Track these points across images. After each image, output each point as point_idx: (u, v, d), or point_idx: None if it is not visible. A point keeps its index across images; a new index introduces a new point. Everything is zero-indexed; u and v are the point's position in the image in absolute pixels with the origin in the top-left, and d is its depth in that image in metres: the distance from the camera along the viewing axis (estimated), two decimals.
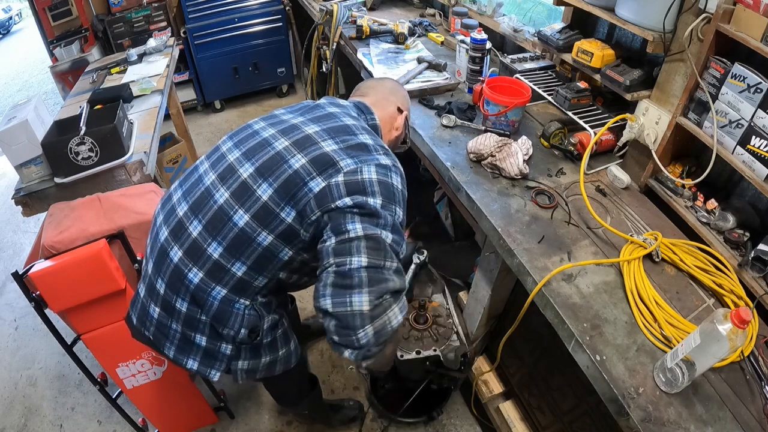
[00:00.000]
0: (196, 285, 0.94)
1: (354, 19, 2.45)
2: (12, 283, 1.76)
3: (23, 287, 1.23)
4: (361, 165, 0.90)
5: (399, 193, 0.93)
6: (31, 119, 1.62)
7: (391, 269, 0.85)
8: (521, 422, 1.51)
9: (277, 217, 0.90)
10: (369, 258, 0.82)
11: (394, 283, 0.84)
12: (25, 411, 1.92)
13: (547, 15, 2.02)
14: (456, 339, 1.48)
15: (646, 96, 1.30)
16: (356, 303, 0.80)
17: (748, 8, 0.96)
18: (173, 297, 0.97)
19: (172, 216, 0.99)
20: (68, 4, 3.18)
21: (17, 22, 8.93)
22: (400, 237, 0.89)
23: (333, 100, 1.13)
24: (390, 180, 0.92)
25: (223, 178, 0.95)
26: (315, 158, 0.91)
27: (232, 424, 1.80)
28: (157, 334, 1.02)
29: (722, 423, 0.85)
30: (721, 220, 1.15)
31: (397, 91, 1.25)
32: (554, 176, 1.40)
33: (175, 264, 0.95)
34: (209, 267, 0.93)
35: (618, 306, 1.03)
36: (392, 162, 0.96)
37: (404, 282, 0.88)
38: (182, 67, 3.61)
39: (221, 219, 0.92)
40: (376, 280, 0.82)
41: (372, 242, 0.84)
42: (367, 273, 0.81)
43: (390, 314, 0.83)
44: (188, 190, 1.00)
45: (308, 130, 0.96)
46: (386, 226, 0.87)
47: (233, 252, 0.92)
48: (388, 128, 1.18)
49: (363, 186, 0.88)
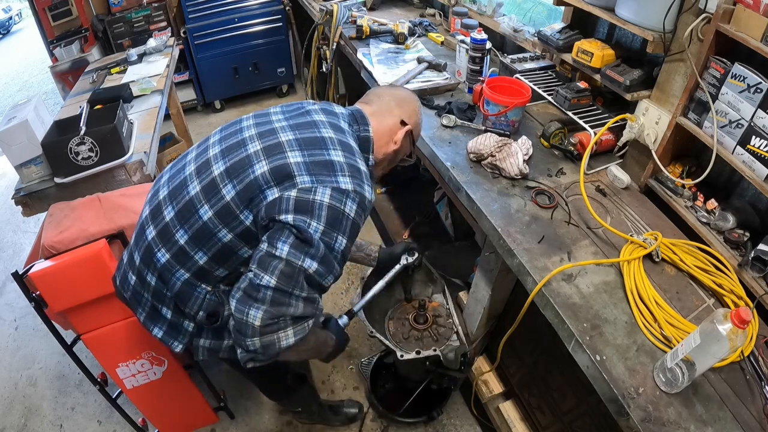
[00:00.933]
0: (163, 264, 0.99)
1: (354, 19, 2.45)
2: (12, 283, 1.76)
3: (23, 287, 1.23)
4: (317, 185, 0.90)
5: (347, 222, 0.92)
6: (31, 119, 1.62)
7: (299, 297, 0.87)
8: (521, 422, 1.52)
9: (237, 218, 0.93)
10: (278, 282, 0.85)
11: (296, 310, 0.87)
12: (25, 411, 1.92)
13: (547, 15, 2.02)
14: (456, 339, 1.48)
15: (646, 96, 1.30)
16: (251, 316, 0.84)
17: (748, 8, 0.96)
18: (145, 270, 1.04)
19: (155, 197, 1.05)
20: (68, 4, 3.18)
21: (17, 22, 8.93)
22: (326, 269, 0.90)
23: (327, 106, 1.12)
24: (341, 207, 0.91)
25: (199, 172, 0.99)
26: (276, 167, 0.92)
27: (232, 424, 1.80)
28: (132, 299, 1.10)
29: (722, 423, 0.85)
30: (721, 220, 1.15)
31: (405, 103, 1.19)
32: (554, 176, 1.40)
33: (148, 242, 1.02)
34: (175, 251, 0.98)
35: (618, 306, 1.03)
36: (354, 187, 0.93)
37: (313, 310, 0.90)
38: (182, 67, 3.61)
39: (189, 210, 0.96)
40: (278, 302, 0.85)
41: (288, 268, 0.86)
42: (272, 293, 0.84)
43: (281, 335, 0.86)
44: (173, 176, 1.05)
45: (282, 137, 0.98)
46: (315, 256, 0.88)
47: (196, 242, 0.96)
48: (385, 141, 1.14)
49: (311, 207, 0.89)
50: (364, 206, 0.95)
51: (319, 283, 0.90)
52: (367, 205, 0.96)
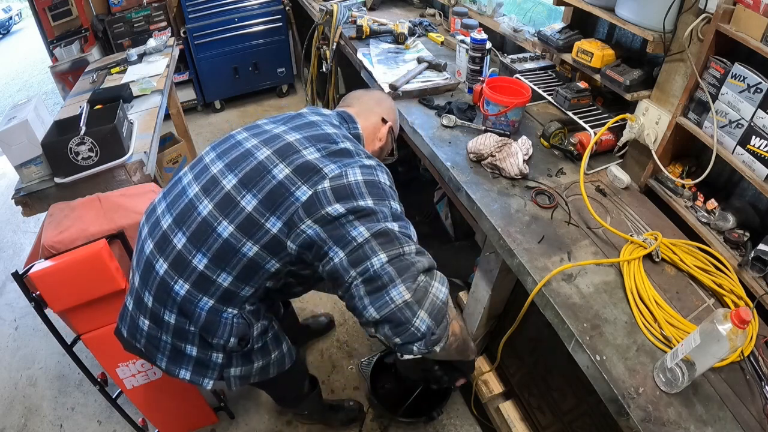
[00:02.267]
0: (183, 297, 0.93)
1: (354, 19, 2.45)
2: (12, 283, 1.76)
3: (23, 287, 1.23)
4: (345, 169, 0.90)
5: (388, 189, 0.94)
6: (31, 119, 1.62)
7: (411, 253, 0.85)
8: (521, 422, 1.52)
9: (262, 228, 0.89)
10: (386, 252, 0.82)
11: (422, 263, 0.85)
12: (25, 411, 1.92)
13: (547, 15, 2.02)
14: None
15: (646, 96, 1.30)
16: (396, 297, 0.80)
17: (748, 8, 0.96)
18: (161, 309, 0.97)
19: (157, 228, 0.98)
20: (68, 4, 3.18)
21: (17, 22, 8.93)
22: (405, 223, 0.90)
23: (315, 109, 1.13)
24: (377, 178, 0.92)
25: (207, 190, 0.94)
26: (298, 167, 0.90)
27: (232, 424, 1.80)
28: (149, 346, 1.03)
29: (722, 423, 0.85)
30: (721, 220, 1.15)
31: (383, 102, 1.26)
32: (554, 176, 1.40)
33: (161, 277, 0.95)
34: (195, 278, 0.92)
35: (618, 306, 1.03)
36: (376, 162, 0.97)
37: (430, 259, 0.88)
38: (182, 67, 3.61)
39: (205, 230, 0.91)
40: (403, 267, 0.82)
41: (382, 237, 0.84)
42: (392, 266, 0.82)
43: (433, 290, 0.84)
44: (172, 202, 0.99)
45: (289, 138, 0.96)
46: (386, 217, 0.87)
47: (218, 263, 0.91)
48: (371, 138, 1.18)
49: (350, 190, 0.88)
50: (391, 177, 0.98)
51: (409, 236, 0.88)
52: (391, 176, 0.99)
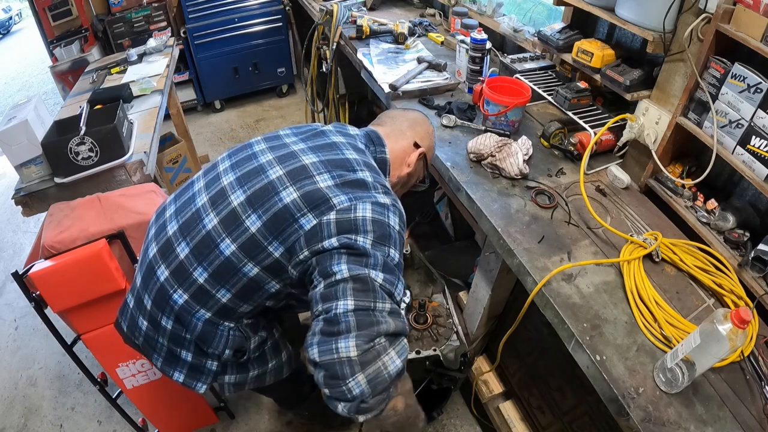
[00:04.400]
0: (181, 306, 0.92)
1: (354, 19, 2.45)
2: (12, 283, 1.76)
3: (23, 287, 1.23)
4: (355, 202, 0.85)
5: (395, 234, 0.87)
6: (31, 119, 1.62)
7: (383, 311, 0.78)
8: (521, 422, 1.52)
9: (265, 251, 0.86)
10: (356, 300, 0.76)
11: (389, 325, 0.77)
12: (25, 411, 1.92)
13: (547, 15, 2.02)
14: (456, 339, 1.48)
15: (646, 96, 1.30)
16: (342, 349, 0.73)
17: (748, 8, 0.96)
18: (159, 314, 0.96)
19: (162, 233, 0.97)
20: (68, 4, 3.18)
21: (17, 22, 8.93)
22: (393, 277, 0.83)
23: (342, 127, 1.07)
24: (386, 219, 0.86)
25: (214, 203, 0.91)
26: (307, 193, 0.86)
27: (232, 424, 1.80)
28: (146, 345, 1.02)
29: (722, 423, 0.85)
30: (721, 220, 1.15)
31: (417, 125, 1.15)
32: (554, 176, 1.40)
33: (161, 283, 0.93)
34: (194, 290, 0.90)
35: (618, 306, 1.03)
36: (392, 201, 0.90)
37: (403, 324, 0.80)
38: (182, 67, 3.61)
39: (208, 245, 0.89)
40: (365, 323, 0.75)
41: (359, 284, 0.78)
42: (355, 316, 0.75)
43: (385, 359, 0.75)
44: (180, 208, 0.97)
45: (305, 159, 0.92)
46: (376, 265, 0.81)
47: (218, 279, 0.89)
48: (399, 163, 1.09)
49: (355, 224, 0.83)
50: (403, 220, 0.92)
51: (392, 293, 0.82)
52: (405, 220, 0.93)
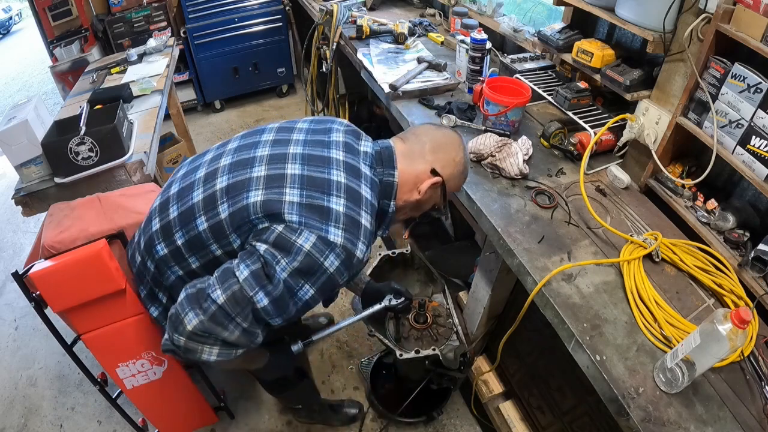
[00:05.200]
0: (160, 257, 1.01)
1: (354, 19, 2.45)
2: (12, 283, 1.76)
3: (23, 287, 1.23)
4: (302, 228, 0.85)
5: (322, 276, 0.87)
6: (31, 119, 1.62)
7: (239, 326, 0.86)
8: (521, 422, 1.52)
9: (227, 238, 0.92)
10: (226, 302, 0.84)
11: (230, 335, 0.86)
12: (25, 411, 1.92)
13: (547, 15, 2.02)
14: (456, 339, 1.48)
15: (646, 96, 1.30)
16: (188, 318, 0.84)
17: (748, 8, 0.96)
18: (146, 257, 1.06)
19: (167, 191, 1.06)
20: (68, 4, 3.17)
21: (17, 22, 8.92)
22: (278, 311, 0.87)
23: (354, 140, 1.03)
24: (321, 260, 0.85)
25: (206, 180, 0.97)
26: (268, 201, 0.88)
27: (232, 424, 1.80)
28: (137, 275, 1.15)
29: (722, 423, 0.85)
30: (721, 220, 1.15)
31: (442, 150, 1.04)
32: (554, 176, 1.40)
33: (152, 232, 1.03)
34: (172, 249, 0.99)
35: (618, 306, 1.03)
36: (344, 242, 0.87)
37: (248, 342, 0.89)
38: (182, 67, 3.61)
39: (189, 216, 0.96)
40: (217, 321, 0.84)
41: (240, 294, 0.84)
42: (216, 310, 0.84)
43: (205, 349, 0.87)
44: (187, 174, 1.04)
45: (289, 169, 0.93)
46: (270, 294, 0.84)
47: (191, 248, 0.97)
48: (409, 188, 1.03)
49: (290, 248, 0.85)
50: (350, 265, 0.89)
51: (265, 320, 0.88)
52: (355, 263, 0.90)
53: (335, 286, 0.92)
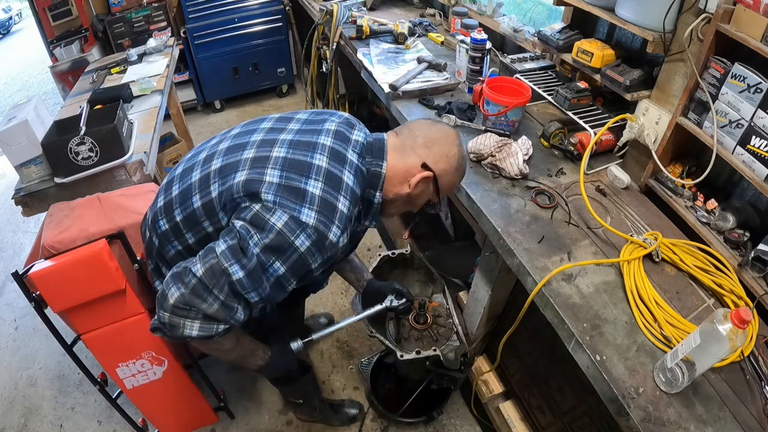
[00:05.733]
0: (162, 232, 1.06)
1: (354, 19, 2.45)
2: (12, 283, 1.76)
3: (23, 287, 1.23)
4: (276, 207, 0.89)
5: (293, 254, 0.89)
6: (31, 119, 1.62)
7: (216, 298, 0.88)
8: (521, 422, 1.52)
9: (216, 216, 0.97)
10: (204, 274, 0.87)
11: (209, 308, 0.88)
12: (25, 411, 1.92)
13: (547, 15, 2.02)
14: (456, 339, 1.48)
15: (646, 96, 1.30)
16: (171, 292, 0.88)
17: (748, 8, 0.96)
18: (152, 232, 1.11)
19: (174, 172, 1.11)
20: (68, 4, 3.17)
21: (17, 22, 8.92)
22: (253, 284, 0.89)
23: (347, 129, 1.04)
24: (291, 238, 0.88)
25: (205, 162, 1.03)
26: (249, 180, 0.93)
27: (232, 424, 1.80)
28: (147, 250, 1.20)
29: (722, 423, 0.85)
30: (721, 220, 1.15)
31: (436, 144, 1.04)
32: (554, 176, 1.40)
33: (157, 208, 1.08)
34: (172, 224, 1.04)
35: (618, 306, 1.03)
36: (316, 224, 0.88)
37: (226, 316, 0.90)
38: (182, 67, 3.61)
39: (187, 195, 1.01)
40: (196, 293, 0.87)
41: (217, 266, 0.87)
42: (195, 282, 0.87)
43: (186, 323, 0.89)
44: (191, 157, 1.10)
45: (275, 152, 0.97)
46: (244, 267, 0.87)
47: (187, 224, 1.02)
48: (398, 180, 1.03)
49: (263, 225, 0.88)
50: (321, 246, 0.90)
51: (241, 294, 0.89)
52: (327, 246, 0.91)
53: (308, 267, 0.93)
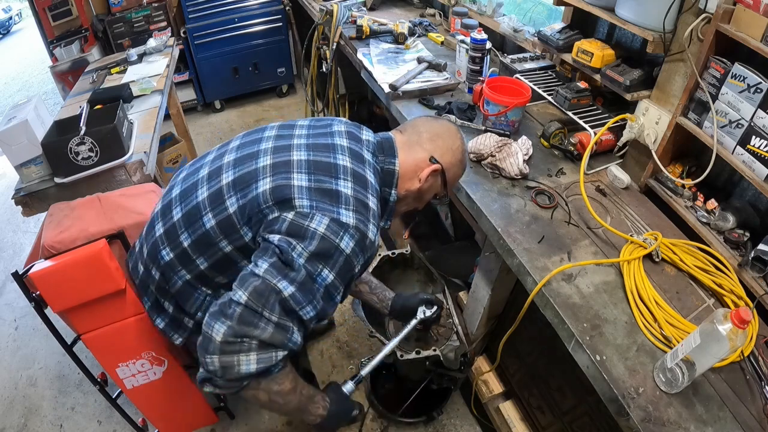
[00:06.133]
0: (166, 263, 0.99)
1: (354, 19, 2.45)
2: (12, 283, 1.76)
3: (23, 287, 1.23)
4: (315, 212, 0.85)
5: (340, 257, 0.85)
6: (31, 119, 1.62)
7: (269, 320, 0.81)
8: (521, 422, 1.51)
9: (238, 232, 0.91)
10: (249, 298, 0.80)
11: (263, 333, 0.80)
12: (25, 411, 1.92)
13: (547, 15, 2.02)
14: (456, 339, 1.48)
15: (646, 96, 1.30)
16: (215, 330, 0.79)
17: (748, 8, 0.96)
18: (150, 265, 1.04)
19: (169, 194, 1.04)
20: (68, 4, 3.18)
21: (17, 22, 8.92)
22: (305, 297, 0.83)
23: (356, 130, 1.05)
24: (336, 241, 0.84)
25: (210, 177, 0.97)
26: (277, 187, 0.88)
27: (232, 424, 1.80)
28: (140, 286, 1.12)
29: (722, 423, 0.85)
30: (721, 220, 1.15)
31: (440, 137, 1.07)
32: (554, 176, 1.40)
33: (156, 238, 1.01)
34: (178, 252, 0.97)
35: (618, 306, 1.03)
36: (356, 223, 0.87)
37: (284, 339, 0.83)
38: (182, 67, 3.61)
39: (195, 215, 0.95)
40: (245, 320, 0.79)
41: (262, 286, 0.81)
42: (241, 310, 0.80)
43: (242, 357, 0.80)
44: (188, 175, 1.04)
45: (294, 155, 0.93)
46: (294, 280, 0.82)
47: (198, 248, 0.95)
48: (410, 176, 1.04)
49: (303, 232, 0.83)
50: (363, 246, 0.89)
51: (295, 311, 0.83)
52: (368, 245, 0.90)
53: (353, 271, 0.90)
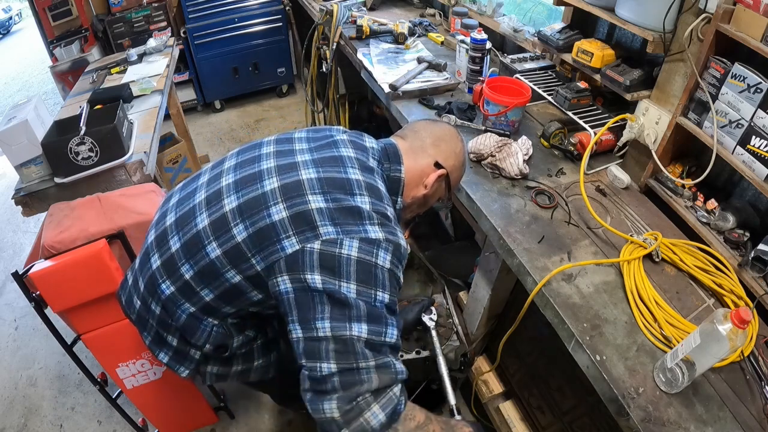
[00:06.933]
0: (167, 296, 0.93)
1: (354, 19, 2.45)
2: (12, 283, 1.76)
3: (23, 287, 1.23)
4: (342, 237, 0.80)
5: (383, 274, 0.82)
6: (31, 119, 1.62)
7: (369, 368, 0.77)
8: (521, 422, 1.51)
9: (248, 262, 0.85)
10: (338, 363, 0.76)
11: (371, 383, 0.77)
12: (25, 411, 1.92)
13: (547, 15, 2.02)
14: (456, 339, 1.48)
15: (646, 96, 1.30)
16: (327, 410, 0.76)
17: (748, 8, 0.96)
18: (149, 299, 0.98)
19: (162, 222, 0.98)
20: (68, 4, 3.18)
21: (17, 22, 8.93)
22: (380, 326, 0.80)
23: (358, 138, 1.01)
24: (373, 259, 0.81)
25: (210, 202, 0.91)
26: (297, 214, 0.83)
27: (232, 424, 1.80)
28: (138, 321, 1.04)
29: (722, 423, 0.85)
30: (721, 220, 1.15)
31: (443, 141, 1.06)
32: (554, 176, 1.40)
33: (153, 271, 0.95)
34: (180, 285, 0.91)
35: (618, 306, 1.03)
36: (385, 235, 0.84)
37: (391, 376, 0.79)
38: (182, 67, 3.62)
39: (196, 244, 0.89)
40: (349, 383, 0.76)
41: (341, 345, 0.76)
42: (339, 378, 0.76)
43: (367, 415, 0.76)
44: (182, 200, 0.97)
45: (303, 174, 0.88)
46: (359, 318, 0.78)
47: (202, 279, 0.89)
48: (415, 183, 1.02)
49: (338, 264, 0.79)
50: (399, 255, 0.85)
51: (381, 343, 0.79)
52: (403, 253, 0.86)
53: (399, 281, 0.86)
